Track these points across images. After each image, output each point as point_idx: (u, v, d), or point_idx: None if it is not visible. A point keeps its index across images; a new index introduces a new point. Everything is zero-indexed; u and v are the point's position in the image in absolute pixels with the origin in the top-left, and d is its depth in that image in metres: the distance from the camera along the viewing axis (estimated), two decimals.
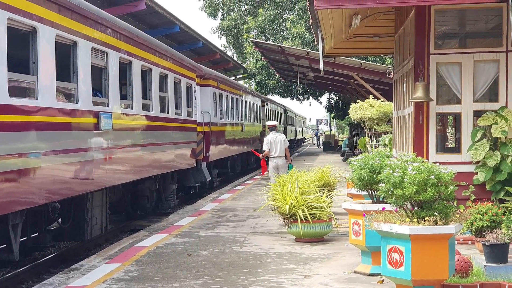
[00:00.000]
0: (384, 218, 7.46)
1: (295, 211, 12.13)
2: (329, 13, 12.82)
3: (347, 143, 45.52)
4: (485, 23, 13.18)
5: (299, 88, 54.91)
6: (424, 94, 11.77)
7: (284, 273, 9.68)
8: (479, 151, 11.64)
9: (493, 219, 9.82)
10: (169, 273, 9.87)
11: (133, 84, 15.64)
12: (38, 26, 10.63)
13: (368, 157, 9.38)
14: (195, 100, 23.16)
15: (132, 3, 24.27)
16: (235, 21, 52.62)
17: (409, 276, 7.04)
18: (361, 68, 26.16)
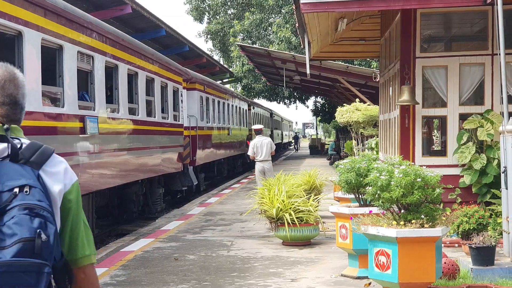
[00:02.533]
0: (371, 221, 7.47)
1: (282, 215, 12.13)
2: (315, 17, 12.85)
3: (334, 146, 45.58)
4: (470, 27, 13.24)
5: (286, 92, 54.97)
6: (410, 97, 11.81)
7: (272, 276, 9.68)
8: (465, 154, 11.68)
9: (480, 221, 9.85)
10: (156, 277, 9.85)
11: (119, 88, 15.60)
12: (23, 30, 10.59)
13: (355, 160, 9.40)
14: (182, 104, 23.13)
15: (118, 7, 24.22)
16: (221, 25, 52.61)
17: (396, 279, 7.05)
18: (347, 71, 26.22)
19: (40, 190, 2.56)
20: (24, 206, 2.46)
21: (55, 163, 2.75)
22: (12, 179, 2.54)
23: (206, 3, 53.60)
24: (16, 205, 2.45)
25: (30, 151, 2.70)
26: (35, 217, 2.45)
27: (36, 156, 2.69)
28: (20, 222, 2.41)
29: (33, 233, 2.41)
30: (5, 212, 2.44)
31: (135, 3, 24.77)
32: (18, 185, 2.52)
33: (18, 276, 2.35)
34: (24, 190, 2.51)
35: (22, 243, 2.38)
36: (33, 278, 2.37)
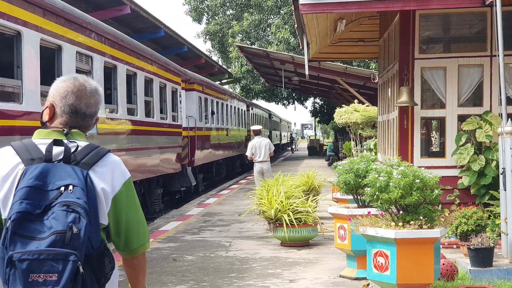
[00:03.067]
0: (370, 222, 7.47)
1: (280, 216, 12.13)
2: (314, 18, 12.86)
3: (332, 147, 45.59)
4: (469, 28, 13.24)
5: (284, 93, 54.99)
6: (408, 98, 11.81)
7: (270, 277, 9.68)
8: (463, 155, 11.68)
9: (478, 223, 9.86)
10: (155, 278, 9.84)
11: (118, 88, 15.59)
12: (22, 30, 10.58)
13: (353, 161, 9.41)
14: (180, 105, 23.13)
15: (117, 7, 24.21)
16: (220, 25, 52.62)
17: (394, 280, 7.05)
18: (346, 72, 26.24)
19: (82, 189, 2.97)
20: (63, 203, 2.90)
21: (106, 163, 3.17)
22: (61, 179, 2.97)
23: (205, 3, 53.63)
24: (58, 202, 2.90)
25: (83, 153, 3.13)
26: (71, 213, 2.88)
27: (88, 158, 3.11)
28: (57, 217, 2.86)
29: (66, 227, 2.85)
30: (50, 208, 2.89)
31: (134, 4, 24.77)
32: (64, 184, 2.95)
33: (47, 263, 2.80)
34: (68, 188, 2.95)
35: (55, 235, 2.83)
36: (60, 264, 2.80)
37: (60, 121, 3.28)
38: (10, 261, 2.83)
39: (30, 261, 2.81)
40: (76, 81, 3.30)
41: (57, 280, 2.81)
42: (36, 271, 2.81)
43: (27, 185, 2.95)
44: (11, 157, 3.13)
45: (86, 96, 3.28)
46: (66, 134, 3.21)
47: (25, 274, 2.81)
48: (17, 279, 2.82)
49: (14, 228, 2.87)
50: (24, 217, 2.88)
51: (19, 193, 2.94)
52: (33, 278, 2.81)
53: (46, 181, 2.97)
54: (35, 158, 3.08)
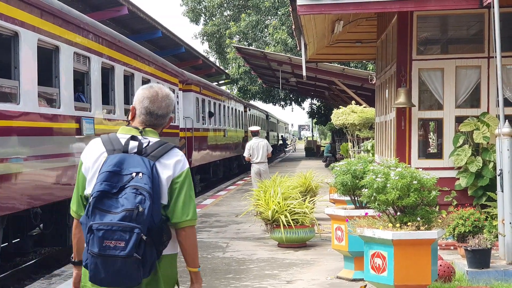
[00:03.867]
0: (367, 223, 7.47)
1: (277, 217, 12.13)
2: (312, 19, 12.85)
3: (330, 148, 45.59)
4: (466, 29, 13.25)
5: (282, 94, 54.98)
6: (406, 100, 11.81)
7: (267, 278, 9.68)
8: (461, 157, 11.68)
9: (475, 224, 9.86)
10: None
11: (115, 89, 15.58)
12: (20, 31, 10.57)
13: (350, 162, 9.40)
14: (178, 106, 23.12)
15: (114, 8, 24.20)
16: (217, 26, 52.59)
17: (391, 281, 7.05)
18: (344, 74, 26.22)
19: (148, 176, 3.86)
20: (133, 186, 3.80)
21: (170, 156, 4.07)
22: (133, 167, 3.89)
23: (202, 4, 53.59)
24: (130, 185, 3.81)
25: (153, 148, 4.05)
26: (138, 195, 3.78)
27: (156, 152, 4.03)
28: (128, 197, 3.77)
29: (134, 206, 3.75)
30: (124, 188, 3.80)
31: (132, 5, 24.77)
32: (135, 171, 3.87)
33: (117, 233, 3.72)
34: (138, 175, 3.85)
35: (125, 211, 3.74)
36: (127, 235, 3.71)
37: (138, 120, 4.24)
38: (90, 229, 3.76)
39: (105, 231, 3.73)
40: (151, 88, 4.25)
41: (124, 247, 3.72)
42: (109, 238, 3.73)
43: (107, 170, 3.87)
44: (99, 147, 4.12)
45: (158, 100, 4.20)
46: (141, 132, 4.15)
47: (101, 240, 3.73)
48: (95, 243, 3.74)
49: (95, 203, 3.79)
50: (103, 195, 3.80)
51: (101, 175, 3.86)
52: (106, 243, 3.73)
53: (122, 167, 3.89)
54: (116, 149, 4.04)
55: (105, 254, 3.74)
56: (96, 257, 3.77)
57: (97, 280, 3.85)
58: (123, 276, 3.80)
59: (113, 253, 3.73)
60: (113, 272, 3.78)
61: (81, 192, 4.14)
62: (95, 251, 3.76)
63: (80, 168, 4.16)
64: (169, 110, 4.27)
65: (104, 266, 3.78)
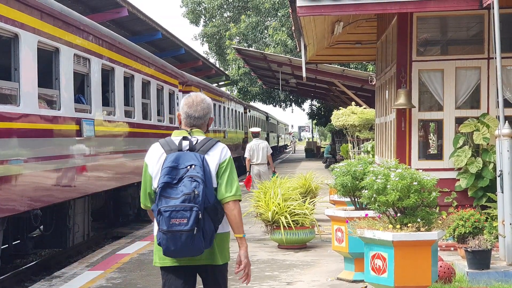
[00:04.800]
0: (367, 224, 7.47)
1: (278, 218, 12.13)
2: (312, 20, 12.86)
3: (330, 150, 45.58)
4: (466, 30, 13.25)
5: (282, 95, 54.96)
6: (406, 101, 11.81)
7: (267, 280, 9.68)
8: (461, 158, 11.68)
9: (475, 225, 9.85)
10: (152, 280, 9.84)
11: (115, 90, 15.58)
12: (20, 33, 10.58)
13: (350, 163, 9.40)
14: (178, 107, 23.11)
15: (114, 9, 24.21)
16: (217, 27, 52.59)
17: (392, 283, 7.05)
18: (344, 75, 26.22)
19: (200, 166, 4.95)
20: (189, 176, 4.91)
21: (215, 149, 5.16)
22: (187, 161, 4.99)
23: (202, 6, 53.58)
24: (187, 175, 4.91)
25: (201, 144, 5.14)
26: (193, 182, 4.88)
27: (204, 147, 5.12)
28: (186, 184, 4.88)
29: (191, 190, 4.85)
30: (181, 179, 4.90)
31: (132, 6, 24.78)
32: (189, 164, 4.97)
33: (180, 212, 4.82)
34: (192, 167, 4.95)
35: (185, 195, 4.85)
36: (188, 213, 4.81)
37: (184, 124, 5.31)
38: (159, 212, 4.87)
39: (170, 212, 4.83)
40: (189, 97, 5.34)
41: (187, 223, 4.81)
42: (174, 217, 4.83)
43: (167, 166, 4.97)
44: (159, 149, 5.19)
45: (194, 105, 5.27)
46: (189, 133, 5.23)
47: (168, 219, 4.84)
48: (164, 222, 4.85)
49: (161, 192, 4.91)
50: (166, 185, 4.91)
51: (164, 170, 4.97)
52: (172, 221, 4.83)
53: (179, 162, 4.99)
54: (172, 148, 5.12)
55: (172, 230, 4.82)
56: (166, 233, 4.85)
57: (169, 253, 4.94)
58: (189, 247, 4.86)
59: (178, 228, 4.82)
60: (180, 244, 4.85)
61: (149, 189, 5.20)
62: (164, 228, 4.86)
63: (146, 169, 5.22)
64: (205, 112, 5.33)
65: (173, 240, 4.84)
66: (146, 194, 5.22)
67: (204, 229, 4.90)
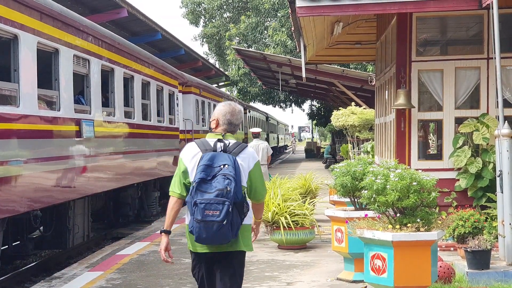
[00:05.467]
0: (367, 224, 7.47)
1: (277, 218, 12.13)
2: (311, 20, 12.86)
3: (330, 150, 45.56)
4: (466, 31, 13.25)
5: (281, 96, 54.97)
6: (406, 101, 11.81)
7: (267, 280, 9.68)
8: (460, 158, 11.68)
9: (475, 225, 9.86)
10: (152, 281, 9.84)
11: (115, 91, 15.58)
12: (19, 34, 10.58)
13: (350, 164, 9.40)
14: (178, 108, 23.11)
15: (114, 10, 24.23)
16: (217, 28, 52.58)
17: (391, 283, 7.05)
18: (343, 75, 26.21)
19: (232, 166, 5.63)
20: (223, 174, 5.58)
21: (245, 153, 5.87)
22: (221, 161, 5.66)
23: (202, 6, 53.57)
24: (220, 173, 5.58)
25: (233, 147, 5.83)
26: (226, 179, 5.55)
27: (235, 150, 5.81)
28: (219, 181, 5.55)
29: (224, 186, 5.52)
30: (215, 176, 5.57)
31: (131, 7, 24.79)
32: (223, 163, 5.64)
33: (213, 205, 5.49)
34: (225, 166, 5.62)
35: (218, 190, 5.51)
36: (220, 206, 5.49)
37: (221, 128, 5.98)
38: (195, 203, 5.55)
39: (205, 204, 5.51)
40: (230, 106, 6.03)
41: (219, 214, 5.49)
42: (208, 209, 5.50)
43: (204, 164, 5.65)
44: (195, 148, 5.89)
45: (235, 114, 6.02)
46: (223, 136, 5.93)
47: (202, 210, 5.52)
48: (199, 213, 5.52)
49: (197, 186, 5.58)
50: (202, 181, 5.58)
51: (200, 168, 5.65)
52: (206, 213, 5.50)
53: (214, 161, 5.66)
54: (207, 149, 5.81)
55: (206, 220, 5.51)
56: (199, 222, 5.53)
57: (201, 240, 5.64)
58: (219, 235, 5.56)
59: (211, 219, 5.51)
60: (212, 233, 5.54)
61: (184, 180, 5.85)
62: (199, 218, 5.53)
63: (182, 163, 5.91)
64: (241, 121, 6.12)
65: (205, 228, 5.53)
66: (181, 184, 5.87)
67: (232, 221, 5.57)
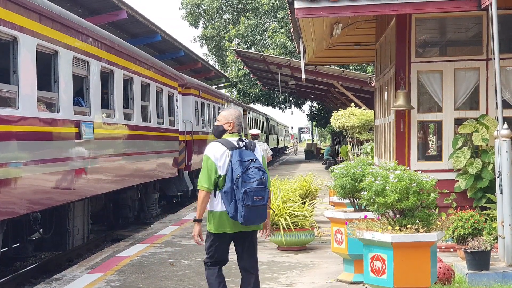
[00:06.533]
0: (366, 226, 7.47)
1: (277, 220, 12.12)
2: (311, 22, 12.86)
3: (329, 151, 45.54)
4: (465, 32, 13.26)
5: (281, 97, 54.97)
6: (405, 102, 11.82)
7: (267, 281, 9.67)
8: (460, 159, 11.68)
9: (475, 226, 9.86)
10: (152, 282, 9.84)
11: (114, 93, 15.58)
12: (18, 36, 10.58)
13: (350, 165, 9.40)
14: (177, 109, 23.12)
15: (113, 12, 24.22)
16: (216, 30, 52.60)
17: (391, 284, 7.05)
18: (343, 76, 26.22)
19: (258, 160, 6.95)
20: (255, 166, 6.87)
21: (257, 148, 7.16)
22: (248, 156, 6.94)
23: (201, 8, 53.58)
24: (251, 166, 6.86)
25: (250, 144, 7.09)
26: (259, 171, 6.87)
27: (252, 146, 7.09)
28: (255, 172, 6.84)
29: (260, 176, 6.83)
30: (248, 169, 6.83)
31: (131, 9, 24.78)
32: (251, 158, 6.93)
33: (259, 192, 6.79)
34: (253, 160, 6.91)
35: (257, 180, 6.81)
36: (263, 192, 6.82)
37: (235, 129, 7.25)
38: (245, 192, 6.75)
39: (254, 191, 6.77)
40: (237, 110, 7.43)
41: (263, 200, 6.83)
42: (256, 195, 6.78)
43: (237, 160, 6.91)
44: (221, 147, 7.06)
45: (241, 117, 7.36)
46: (240, 136, 7.22)
47: (252, 197, 6.77)
48: (249, 199, 6.75)
49: (242, 178, 6.82)
50: (242, 174, 6.83)
51: (236, 163, 6.90)
52: (255, 198, 6.77)
53: (242, 157, 6.94)
54: (233, 147, 7.02)
55: (256, 204, 6.79)
56: (250, 207, 6.77)
57: (247, 221, 6.85)
58: (261, 216, 6.94)
59: (258, 203, 6.81)
60: (259, 214, 6.89)
61: (215, 175, 6.99)
62: (249, 203, 6.76)
63: (209, 160, 7.00)
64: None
65: (254, 211, 6.82)
66: (211, 179, 7.00)
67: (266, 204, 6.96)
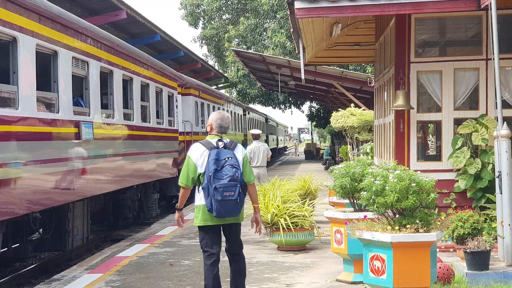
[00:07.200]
0: (366, 226, 7.47)
1: (277, 220, 12.12)
2: (310, 22, 12.86)
3: (329, 151, 45.54)
4: (465, 32, 13.26)
5: (281, 97, 54.97)
6: (404, 102, 11.82)
7: (267, 282, 9.68)
8: (459, 159, 11.68)
9: (474, 226, 9.86)
10: (151, 283, 9.84)
11: (114, 93, 15.58)
12: (18, 36, 10.58)
13: (349, 165, 9.40)
14: (177, 109, 23.12)
15: (113, 12, 24.21)
16: (216, 30, 52.56)
17: (391, 284, 7.05)
18: (342, 76, 26.21)
19: (234, 158, 7.70)
20: (230, 164, 7.62)
21: (238, 147, 7.92)
22: (225, 155, 7.69)
23: (201, 8, 53.56)
24: (227, 164, 7.62)
25: (229, 144, 7.84)
26: (233, 168, 7.61)
27: (232, 146, 7.84)
28: (229, 170, 7.60)
29: (233, 173, 7.58)
30: (223, 167, 7.60)
31: (130, 9, 24.77)
32: (227, 156, 7.68)
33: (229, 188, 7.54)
34: (229, 158, 7.66)
35: (230, 177, 7.57)
36: (234, 188, 7.57)
37: (215, 131, 7.96)
38: (215, 188, 7.45)
39: (223, 187, 7.46)
40: (220, 113, 8.09)
41: (233, 195, 7.50)
42: (226, 191, 7.46)
43: (213, 158, 7.58)
44: (201, 147, 7.78)
45: (224, 119, 8.01)
46: (220, 137, 7.92)
47: (222, 192, 7.47)
48: (219, 194, 7.46)
49: (214, 175, 7.51)
50: (216, 171, 7.54)
51: (211, 162, 7.58)
52: (225, 194, 7.46)
53: (219, 156, 7.61)
54: (212, 147, 7.71)
55: (225, 199, 7.49)
56: (220, 202, 7.48)
57: (220, 215, 7.57)
58: (232, 211, 7.61)
59: (229, 198, 7.49)
60: (229, 209, 7.57)
61: (193, 174, 7.76)
62: (219, 198, 7.47)
63: (190, 160, 7.80)
64: (229, 124, 8.11)
65: (224, 206, 7.51)
66: (189, 177, 7.79)
67: (240, 199, 7.58)
